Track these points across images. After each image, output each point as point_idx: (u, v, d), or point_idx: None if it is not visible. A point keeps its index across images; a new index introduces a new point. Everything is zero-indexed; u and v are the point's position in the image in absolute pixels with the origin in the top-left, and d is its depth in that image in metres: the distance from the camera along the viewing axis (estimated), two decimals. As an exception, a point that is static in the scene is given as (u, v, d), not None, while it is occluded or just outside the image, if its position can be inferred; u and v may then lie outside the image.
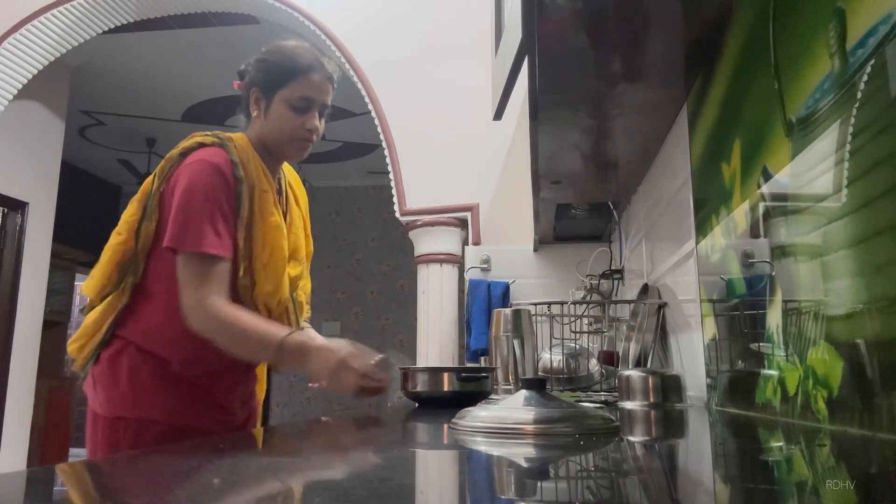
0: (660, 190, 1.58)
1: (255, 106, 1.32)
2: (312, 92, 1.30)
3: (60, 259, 5.03)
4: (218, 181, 1.22)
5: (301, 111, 1.29)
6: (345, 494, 0.39)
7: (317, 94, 1.30)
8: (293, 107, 1.29)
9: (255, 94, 1.32)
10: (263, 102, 1.31)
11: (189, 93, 5.04)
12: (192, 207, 1.20)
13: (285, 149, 1.33)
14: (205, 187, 1.21)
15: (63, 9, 3.36)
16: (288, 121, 1.29)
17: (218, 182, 1.22)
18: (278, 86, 1.29)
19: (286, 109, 1.29)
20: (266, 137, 1.32)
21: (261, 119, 1.32)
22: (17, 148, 4.02)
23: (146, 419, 1.20)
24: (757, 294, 0.91)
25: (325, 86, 1.31)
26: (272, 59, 1.31)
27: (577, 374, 1.54)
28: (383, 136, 2.98)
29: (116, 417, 1.21)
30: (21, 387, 4.02)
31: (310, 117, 1.30)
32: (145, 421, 1.20)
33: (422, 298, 2.86)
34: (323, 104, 1.32)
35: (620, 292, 2.17)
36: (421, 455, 0.64)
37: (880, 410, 0.58)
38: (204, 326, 1.19)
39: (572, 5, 0.99)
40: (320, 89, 1.31)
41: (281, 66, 1.29)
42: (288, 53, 1.31)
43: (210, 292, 1.19)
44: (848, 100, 0.64)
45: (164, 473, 0.52)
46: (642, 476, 0.49)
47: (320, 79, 1.30)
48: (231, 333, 1.19)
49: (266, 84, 1.30)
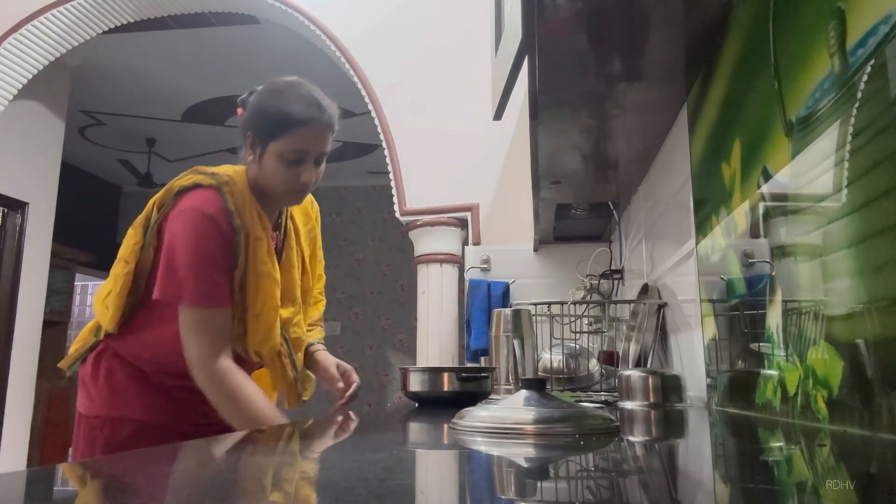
0: (660, 190, 1.58)
1: (251, 150, 1.28)
2: (307, 145, 1.24)
3: (60, 259, 5.03)
4: (212, 233, 1.21)
5: (294, 164, 1.24)
6: (345, 494, 0.39)
7: (312, 146, 1.25)
8: (286, 160, 1.24)
9: (249, 137, 1.27)
10: (258, 149, 1.26)
11: (189, 93, 5.04)
12: (189, 261, 1.20)
13: (279, 197, 1.30)
14: (198, 241, 1.20)
15: (63, 9, 3.36)
16: (282, 173, 1.25)
17: (213, 234, 1.21)
18: (271, 136, 1.23)
19: (279, 162, 1.24)
20: (261, 182, 1.28)
21: (255, 164, 1.28)
22: (17, 148, 4.02)
23: (122, 418, 1.24)
24: (757, 294, 0.91)
25: (322, 136, 1.25)
26: (266, 108, 1.24)
27: (577, 374, 1.54)
28: (383, 136, 2.98)
29: (94, 416, 1.26)
30: (21, 387, 4.02)
31: (304, 169, 1.25)
32: (121, 420, 1.24)
33: (422, 298, 2.85)
34: (320, 154, 1.27)
35: (620, 292, 2.17)
36: (421, 455, 0.64)
37: (880, 410, 0.58)
38: (207, 385, 1.20)
39: (572, 5, 0.99)
40: (316, 141, 1.25)
41: (275, 117, 1.23)
42: (283, 102, 1.23)
43: (218, 351, 1.20)
44: (848, 100, 0.64)
45: (162, 474, 0.52)
46: (642, 476, 0.49)
47: (317, 130, 1.24)
48: (230, 401, 1.20)
49: (260, 131, 1.25)
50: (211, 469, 0.51)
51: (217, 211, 1.22)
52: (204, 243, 1.20)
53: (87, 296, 7.36)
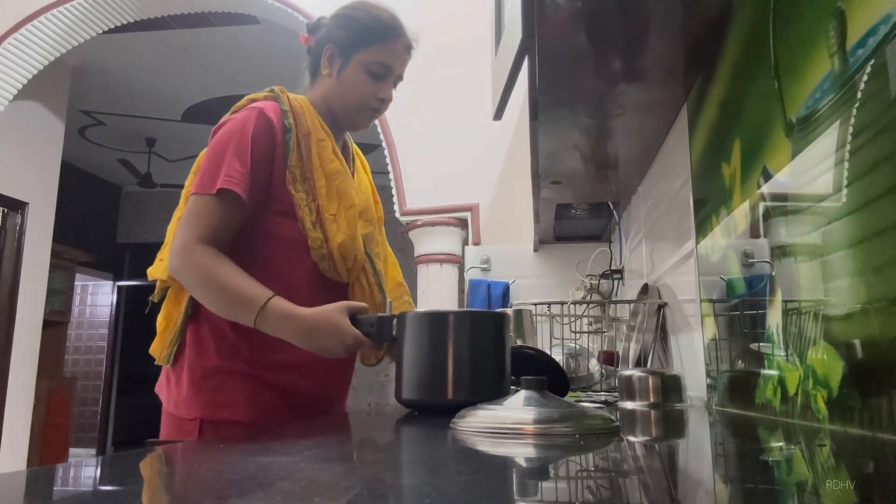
0: (660, 190, 1.58)
1: (328, 63, 1.23)
2: (393, 60, 1.21)
3: (60, 259, 5.03)
4: (257, 123, 1.13)
5: (379, 78, 1.21)
6: (345, 494, 0.39)
7: (397, 63, 1.22)
8: (371, 72, 1.20)
9: (329, 50, 1.22)
10: (339, 61, 1.22)
11: (189, 93, 5.05)
12: (214, 151, 1.12)
13: (352, 115, 1.24)
14: (236, 129, 1.13)
15: (63, 9, 3.37)
16: (363, 86, 1.21)
17: (256, 124, 1.13)
18: (359, 47, 1.20)
19: (363, 74, 1.20)
20: (333, 99, 1.23)
21: (332, 78, 1.23)
22: (17, 148, 4.03)
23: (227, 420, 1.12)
24: (757, 294, 0.91)
25: (404, 55, 1.24)
26: (357, 17, 1.21)
27: (577, 374, 1.54)
28: (383, 136, 2.98)
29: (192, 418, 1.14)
30: (21, 387, 4.02)
31: (385, 86, 1.22)
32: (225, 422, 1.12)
33: (422, 298, 2.85)
34: (399, 75, 1.25)
35: (620, 292, 2.17)
36: (421, 455, 0.64)
37: (880, 410, 0.58)
38: (179, 270, 1.09)
39: (572, 5, 0.99)
40: (401, 58, 1.23)
41: (366, 25, 1.20)
42: (374, 13, 1.21)
43: (199, 235, 1.09)
44: (848, 100, 0.64)
45: (162, 474, 0.52)
46: (642, 476, 0.49)
47: (403, 47, 1.22)
48: (207, 283, 1.08)
49: (346, 42, 1.21)
50: (208, 468, 0.51)
51: (268, 106, 1.16)
52: (240, 130, 1.12)
53: (87, 296, 7.37)
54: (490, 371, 0.97)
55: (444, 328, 0.98)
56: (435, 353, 0.96)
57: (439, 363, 0.95)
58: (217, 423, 1.12)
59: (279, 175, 1.15)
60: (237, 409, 1.13)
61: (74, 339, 7.16)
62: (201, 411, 1.13)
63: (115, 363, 7.20)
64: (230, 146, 1.12)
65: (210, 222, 1.10)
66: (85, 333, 7.31)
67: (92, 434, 7.02)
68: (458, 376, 0.95)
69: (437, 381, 0.95)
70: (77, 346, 7.21)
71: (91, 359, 7.23)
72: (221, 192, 1.10)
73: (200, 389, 1.14)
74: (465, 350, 0.96)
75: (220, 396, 1.13)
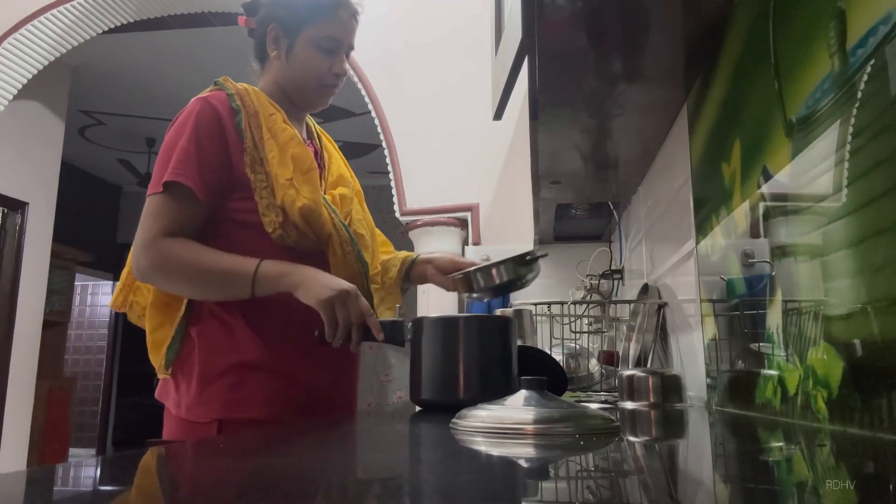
0: (660, 190, 1.58)
1: (274, 45, 1.19)
2: (342, 31, 1.19)
3: (60, 259, 5.03)
4: (200, 113, 1.10)
5: (330, 53, 1.18)
6: (345, 494, 0.39)
7: (346, 34, 1.19)
8: (322, 48, 1.17)
9: (273, 30, 1.19)
10: (285, 41, 1.18)
11: (189, 93, 5.02)
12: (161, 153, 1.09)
13: (308, 95, 1.21)
14: (179, 125, 1.10)
15: (63, 9, 3.37)
16: (315, 64, 1.18)
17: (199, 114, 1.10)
18: (304, 23, 1.16)
19: (314, 51, 1.17)
20: (286, 81, 1.20)
21: (281, 60, 1.20)
22: (17, 148, 4.03)
23: None
24: (757, 294, 0.91)
25: (352, 24, 1.21)
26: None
27: (577, 374, 1.54)
28: (383, 136, 2.98)
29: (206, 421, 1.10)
30: (21, 387, 4.02)
31: (338, 59, 1.19)
32: None
33: (422, 298, 2.85)
34: (350, 45, 1.21)
35: (620, 292, 2.17)
36: (421, 455, 0.64)
37: (880, 410, 0.58)
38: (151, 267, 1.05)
39: (572, 5, 0.99)
40: (349, 28, 1.20)
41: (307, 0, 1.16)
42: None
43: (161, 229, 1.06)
44: (848, 100, 0.64)
45: (162, 473, 0.52)
46: (642, 476, 0.49)
47: (348, 16, 1.19)
48: (187, 270, 1.05)
49: (290, 20, 1.17)
50: (208, 468, 0.51)
51: (211, 96, 1.13)
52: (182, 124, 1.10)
53: (87, 296, 7.37)
54: (498, 372, 1.02)
55: (455, 333, 1.03)
56: (448, 356, 1.01)
57: (452, 366, 1.00)
58: (237, 423, 1.08)
59: (237, 159, 1.11)
60: (257, 407, 1.09)
61: (74, 339, 7.16)
62: (219, 412, 1.08)
63: (115, 363, 7.20)
64: (176, 144, 1.09)
65: (170, 216, 1.08)
66: (85, 333, 7.31)
67: (92, 434, 7.02)
68: (468, 378, 1.00)
69: (450, 382, 1.00)
70: (77, 347, 7.22)
71: (91, 359, 7.23)
72: (170, 186, 1.07)
73: (216, 389, 1.09)
74: (475, 353, 1.02)
75: (238, 395, 1.09)
